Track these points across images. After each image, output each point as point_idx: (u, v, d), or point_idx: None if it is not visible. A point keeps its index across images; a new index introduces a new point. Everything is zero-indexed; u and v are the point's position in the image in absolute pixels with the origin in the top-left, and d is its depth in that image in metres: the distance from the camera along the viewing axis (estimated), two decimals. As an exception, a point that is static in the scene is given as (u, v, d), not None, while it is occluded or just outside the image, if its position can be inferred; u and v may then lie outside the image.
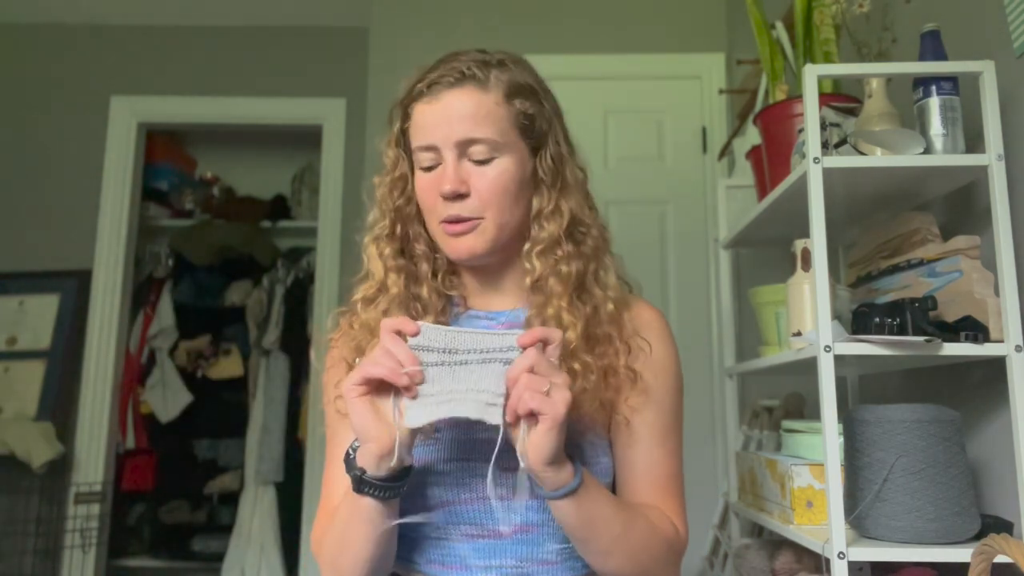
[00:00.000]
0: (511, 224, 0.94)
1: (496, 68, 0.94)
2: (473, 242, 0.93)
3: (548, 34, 2.86)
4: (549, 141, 0.96)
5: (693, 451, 2.57)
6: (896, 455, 1.11)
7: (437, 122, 0.92)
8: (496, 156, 0.92)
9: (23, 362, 3.00)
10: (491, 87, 0.92)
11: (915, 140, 1.21)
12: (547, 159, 0.95)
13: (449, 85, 0.92)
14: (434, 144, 0.92)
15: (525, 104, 0.94)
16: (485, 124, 0.91)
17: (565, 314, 0.92)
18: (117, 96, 3.21)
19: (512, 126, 0.93)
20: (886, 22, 1.55)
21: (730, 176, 2.42)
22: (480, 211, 0.92)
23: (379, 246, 0.98)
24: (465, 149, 0.91)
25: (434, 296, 0.98)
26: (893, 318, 1.16)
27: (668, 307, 2.73)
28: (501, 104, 0.92)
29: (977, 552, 0.77)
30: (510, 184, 0.92)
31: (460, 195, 0.91)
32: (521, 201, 0.94)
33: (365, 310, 0.97)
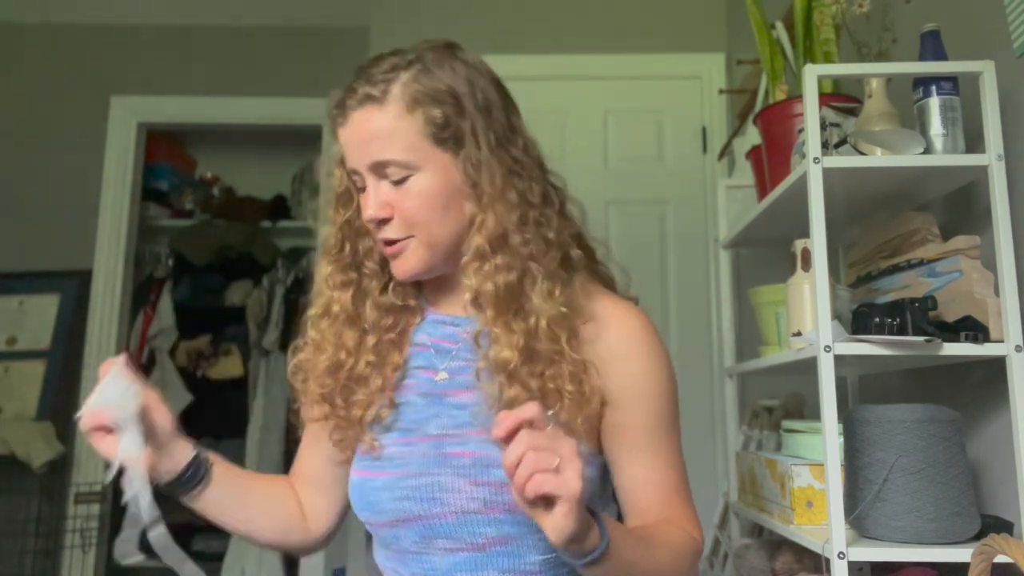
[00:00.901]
0: (445, 238, 0.90)
1: (404, 71, 0.88)
2: (407, 262, 0.91)
3: (548, 34, 2.86)
4: (473, 143, 0.89)
5: (693, 451, 2.57)
6: (896, 455, 1.11)
7: (351, 146, 0.90)
8: (412, 173, 0.88)
9: (23, 362, 3.00)
10: (389, 102, 0.87)
11: (915, 140, 1.21)
12: (468, 166, 0.89)
13: (353, 108, 0.89)
14: (354, 168, 0.91)
15: (433, 111, 0.87)
16: (390, 143, 0.87)
17: (499, 332, 0.87)
18: (117, 96, 3.21)
19: (422, 137, 0.87)
20: (886, 22, 1.55)
21: (730, 176, 2.41)
22: (407, 231, 0.89)
23: (326, 263, 0.97)
24: (380, 171, 0.88)
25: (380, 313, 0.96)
26: (893, 318, 1.16)
27: (668, 307, 2.73)
28: (403, 117, 0.87)
29: (977, 552, 0.77)
30: (433, 200, 0.88)
31: (381, 220, 0.89)
32: (453, 212, 0.89)
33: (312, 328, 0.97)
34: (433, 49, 0.91)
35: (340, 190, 0.97)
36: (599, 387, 0.89)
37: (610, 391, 0.90)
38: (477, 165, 0.88)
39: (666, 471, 0.92)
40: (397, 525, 0.90)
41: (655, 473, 0.91)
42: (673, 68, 2.86)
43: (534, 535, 0.86)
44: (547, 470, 0.67)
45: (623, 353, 0.90)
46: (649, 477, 0.91)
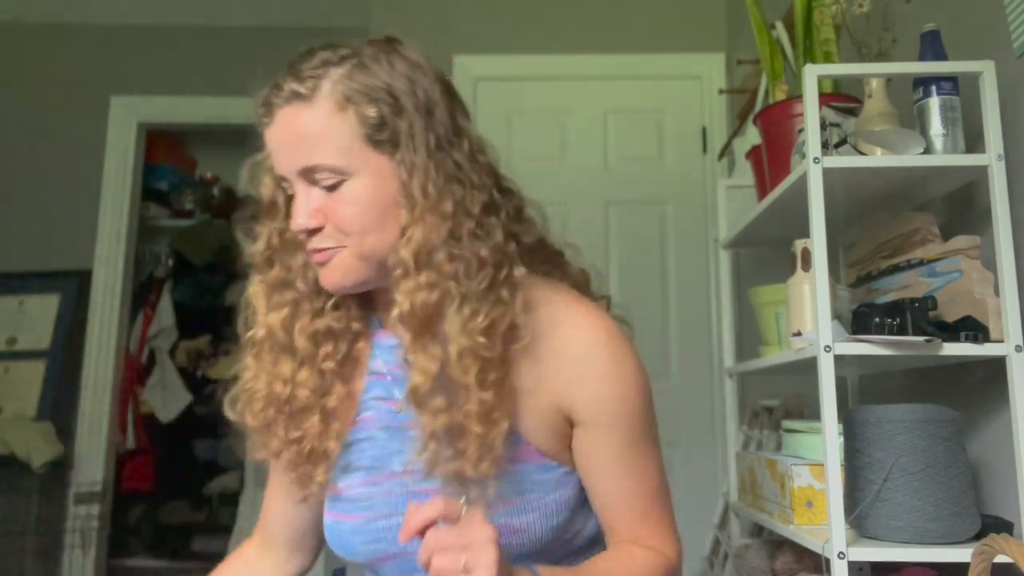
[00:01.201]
0: (380, 249, 0.81)
1: (336, 67, 0.81)
2: (335, 274, 0.83)
3: (548, 34, 2.86)
4: (411, 145, 0.81)
5: (693, 451, 2.59)
6: (896, 455, 1.11)
7: (277, 149, 0.82)
8: (345, 178, 0.80)
9: (23, 362, 3.00)
10: (319, 99, 0.80)
11: (915, 140, 1.21)
12: (402, 170, 0.81)
13: (279, 105, 0.81)
14: (282, 174, 0.83)
15: (367, 110, 0.80)
16: (320, 145, 0.79)
17: (415, 356, 0.80)
18: (117, 96, 3.21)
19: (356, 139, 0.80)
20: (886, 22, 1.55)
21: (730, 176, 2.41)
22: (339, 240, 0.81)
23: (256, 286, 0.89)
24: (310, 176, 0.81)
25: (312, 341, 0.87)
26: (893, 318, 1.16)
27: (668, 307, 2.73)
28: (334, 116, 0.79)
29: (977, 552, 0.77)
30: (368, 207, 0.80)
31: (310, 230, 0.81)
32: (390, 221, 0.81)
33: (249, 353, 0.90)
34: (371, 44, 0.83)
35: (267, 200, 0.88)
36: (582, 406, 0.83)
37: (577, 412, 0.84)
38: (412, 170, 0.80)
39: (641, 488, 0.86)
40: (376, 564, 0.88)
41: (629, 492, 0.86)
42: (673, 68, 2.86)
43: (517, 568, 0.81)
44: (454, 572, 0.65)
45: (587, 372, 0.83)
46: (623, 496, 0.86)
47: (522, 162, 2.81)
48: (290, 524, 1.00)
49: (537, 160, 2.81)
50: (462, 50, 2.85)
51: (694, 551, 2.35)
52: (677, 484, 2.52)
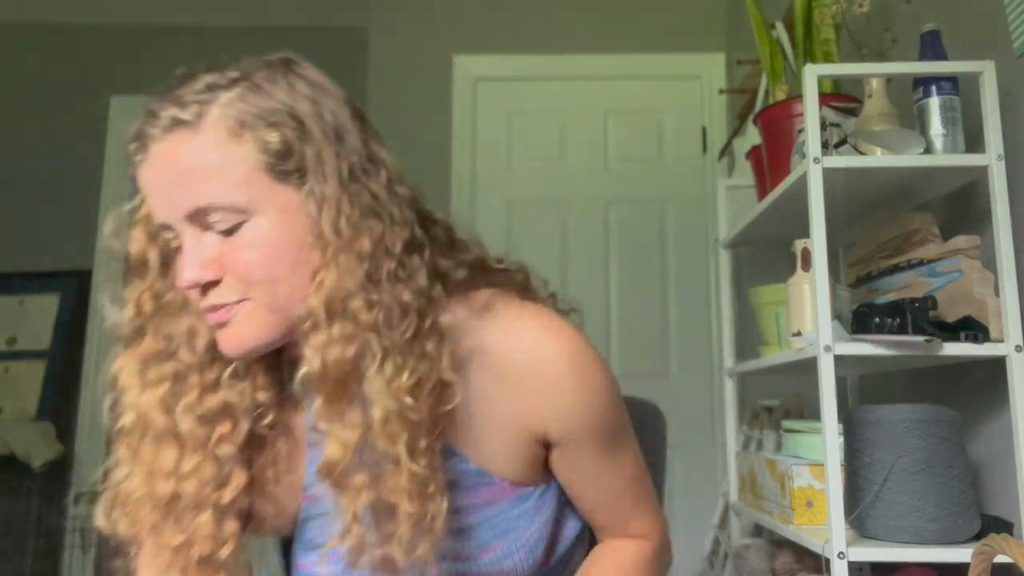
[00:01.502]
0: (293, 298, 0.69)
1: (225, 90, 0.68)
2: (239, 334, 0.69)
3: (548, 34, 2.86)
4: (319, 176, 0.69)
5: (693, 451, 2.60)
6: (896, 455, 1.11)
7: (157, 190, 0.69)
8: (245, 219, 0.68)
9: (23, 362, 3.00)
10: (206, 126, 0.67)
11: (915, 140, 1.21)
12: (311, 204, 0.69)
13: (156, 138, 0.68)
14: (164, 221, 0.70)
15: (268, 136, 0.68)
16: (211, 181, 0.66)
17: (329, 424, 0.68)
18: (117, 96, 3.21)
19: (256, 170, 0.67)
20: (886, 22, 1.55)
21: (730, 176, 2.42)
22: (241, 292, 0.69)
23: (126, 361, 0.75)
24: (201, 220, 0.68)
25: (201, 422, 0.73)
26: (893, 318, 1.16)
27: (668, 307, 2.73)
28: (226, 145, 0.67)
29: (977, 552, 0.77)
30: (275, 250, 0.68)
31: (205, 284, 0.69)
32: (302, 265, 0.69)
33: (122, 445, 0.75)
34: (264, 65, 0.71)
35: (135, 257, 0.75)
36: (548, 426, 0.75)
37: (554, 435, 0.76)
38: (322, 203, 0.68)
39: (623, 485, 0.83)
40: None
41: (614, 492, 0.82)
42: (673, 68, 2.86)
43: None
44: None
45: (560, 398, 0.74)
46: (609, 497, 0.82)
47: (522, 162, 2.81)
48: None
49: (537, 160, 2.81)
50: (462, 50, 2.85)
51: (694, 551, 2.35)
52: (677, 484, 2.54)
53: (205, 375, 0.74)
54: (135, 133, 0.70)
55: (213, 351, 0.74)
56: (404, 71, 2.87)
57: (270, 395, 0.77)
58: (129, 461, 0.74)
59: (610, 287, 2.75)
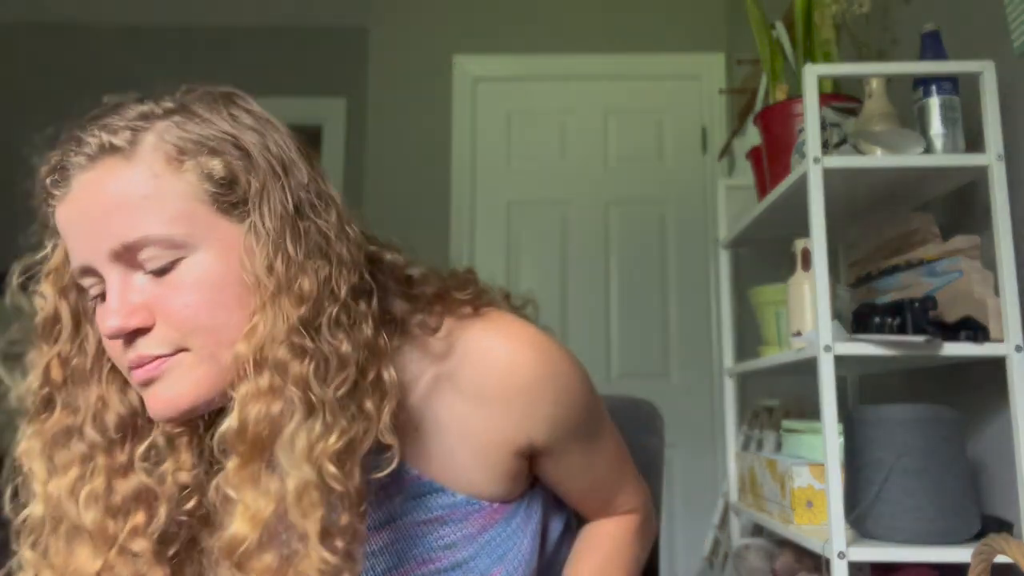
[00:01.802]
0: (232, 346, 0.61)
1: (160, 119, 0.62)
2: (173, 391, 0.61)
3: (548, 34, 2.86)
4: (256, 212, 0.62)
5: (693, 451, 2.60)
6: (896, 455, 1.11)
7: (79, 229, 0.61)
8: (182, 255, 0.61)
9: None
10: (141, 154, 0.61)
11: (915, 140, 1.21)
12: (251, 240, 0.62)
13: (81, 167, 0.62)
14: (86, 264, 0.62)
15: (211, 163, 0.61)
16: (146, 213, 0.60)
17: (239, 492, 0.59)
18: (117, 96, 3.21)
19: (198, 201, 0.61)
20: (886, 22, 1.55)
21: (730, 176, 2.42)
22: (176, 343, 0.60)
23: (29, 441, 0.65)
24: (130, 259, 0.61)
25: (104, 517, 0.64)
26: (893, 318, 1.16)
27: (668, 307, 2.73)
28: (165, 174, 0.60)
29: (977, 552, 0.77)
30: (217, 292, 0.60)
31: (137, 331, 0.60)
32: (246, 307, 0.61)
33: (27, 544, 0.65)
34: (204, 96, 0.66)
35: (45, 316, 0.67)
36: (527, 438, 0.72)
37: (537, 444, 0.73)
38: (264, 240, 0.61)
39: (608, 472, 0.83)
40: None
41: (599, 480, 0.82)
42: (673, 68, 2.86)
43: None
44: None
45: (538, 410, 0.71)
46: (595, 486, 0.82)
47: (522, 162, 2.81)
48: None
49: (537, 160, 2.81)
50: (462, 50, 2.85)
51: (694, 551, 2.35)
52: (677, 484, 2.54)
53: (115, 456, 0.65)
54: (53, 164, 0.63)
55: (125, 427, 0.65)
56: (404, 71, 2.87)
57: (196, 474, 0.67)
58: (35, 563, 0.65)
59: (610, 287, 2.75)
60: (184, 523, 0.67)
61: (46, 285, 0.68)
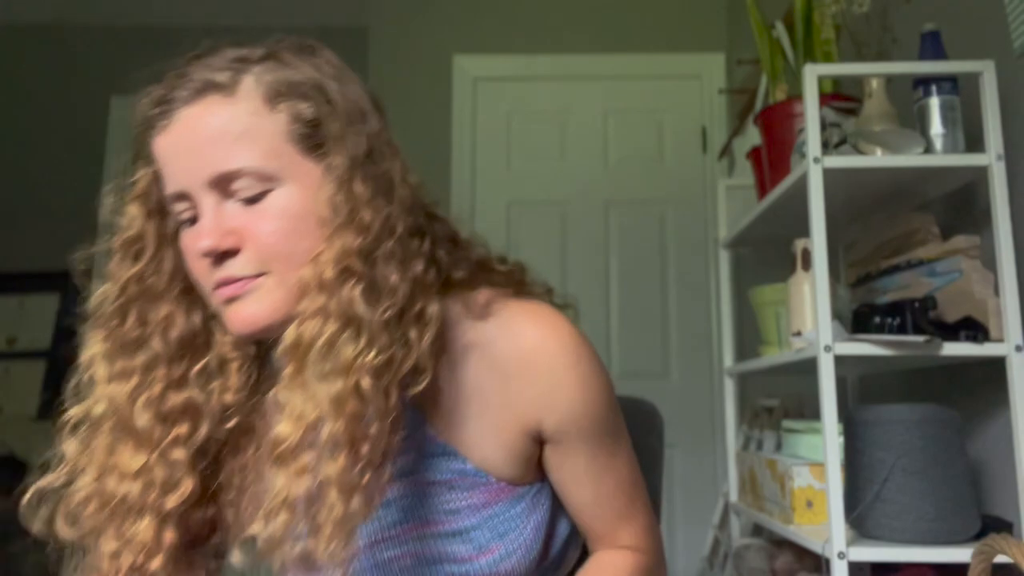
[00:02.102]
0: None
1: (257, 65, 0.69)
2: (254, 308, 0.67)
3: (548, 34, 2.86)
4: (340, 151, 0.69)
5: (693, 451, 2.60)
6: (896, 455, 1.11)
7: (179, 157, 0.67)
8: (271, 187, 0.67)
9: (23, 362, 3.00)
10: (242, 93, 0.67)
11: (915, 140, 1.21)
12: (331, 179, 0.68)
13: (186, 101, 0.67)
14: (182, 189, 0.68)
15: (301, 107, 0.68)
16: (243, 147, 0.66)
17: (287, 394, 0.65)
18: (117, 96, 3.21)
19: (286, 141, 0.68)
20: (886, 22, 1.55)
21: (730, 176, 2.42)
22: (259, 266, 0.67)
23: (98, 339, 0.73)
24: (225, 187, 0.67)
25: (159, 420, 0.70)
26: (893, 318, 1.17)
27: (668, 307, 2.73)
28: (262, 113, 0.67)
29: (977, 552, 0.77)
30: (299, 223, 0.67)
31: (224, 253, 0.67)
32: (318, 236, 0.68)
33: (69, 437, 0.71)
34: (290, 45, 0.72)
35: (131, 235, 0.72)
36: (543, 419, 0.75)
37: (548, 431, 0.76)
38: (338, 178, 0.68)
39: (616, 487, 0.81)
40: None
41: (606, 494, 0.80)
42: (673, 68, 2.86)
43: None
44: None
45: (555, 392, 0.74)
46: (600, 499, 0.80)
47: (522, 162, 2.81)
48: None
49: (537, 160, 2.81)
50: (462, 50, 2.85)
51: (694, 551, 2.36)
52: (677, 484, 2.54)
53: (173, 369, 0.71)
54: (158, 98, 0.68)
55: (185, 345, 0.72)
56: (404, 71, 2.87)
57: (239, 399, 0.74)
58: (78, 455, 0.70)
59: (610, 287, 2.75)
60: (219, 441, 0.74)
61: (133, 207, 0.73)
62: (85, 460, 0.70)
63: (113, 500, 0.69)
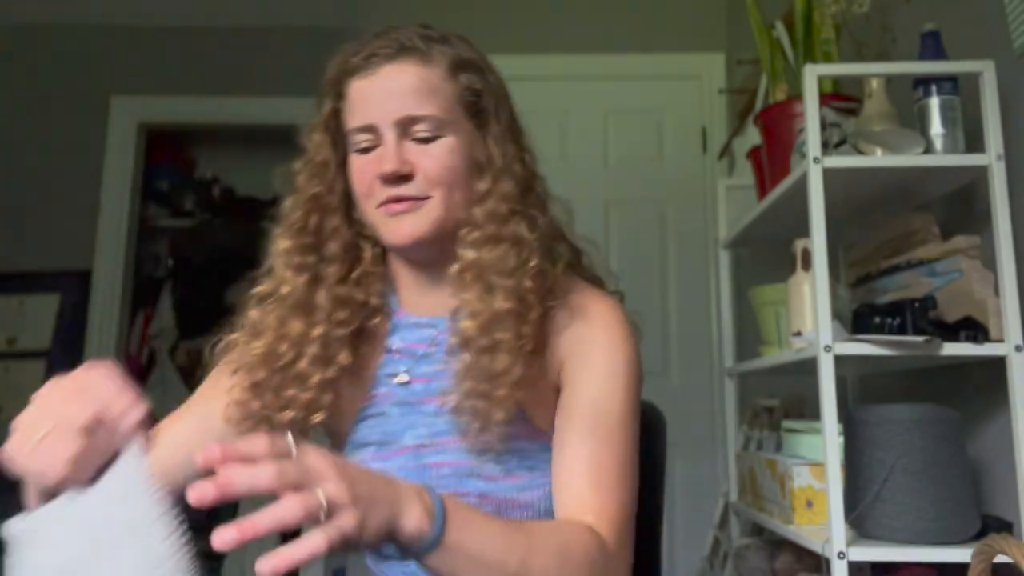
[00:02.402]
0: (457, 206, 0.87)
1: (439, 43, 0.88)
2: (416, 223, 0.85)
3: (548, 34, 2.86)
4: (493, 120, 0.90)
5: (693, 451, 2.59)
6: (896, 455, 1.11)
7: (375, 98, 0.85)
8: (441, 135, 0.86)
9: (23, 362, 3.00)
10: (435, 60, 0.87)
11: (915, 140, 1.21)
12: (491, 139, 0.89)
13: (388, 58, 0.86)
14: (372, 123, 0.85)
15: (471, 79, 0.89)
16: (429, 100, 0.85)
17: (467, 296, 0.84)
18: (117, 96, 3.21)
19: (457, 103, 0.87)
20: (886, 22, 1.55)
21: (730, 176, 2.42)
22: (425, 191, 0.85)
23: (284, 239, 0.90)
24: (407, 128, 0.85)
25: (334, 303, 0.88)
26: (893, 318, 1.17)
27: (668, 307, 2.73)
28: (446, 79, 0.87)
29: (977, 552, 0.77)
30: (457, 163, 0.86)
31: (403, 176, 0.84)
32: (467, 184, 0.87)
33: (255, 307, 0.90)
34: (452, 31, 0.93)
35: (317, 159, 0.90)
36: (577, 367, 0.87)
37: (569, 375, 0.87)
38: (502, 138, 0.89)
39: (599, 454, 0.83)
40: None
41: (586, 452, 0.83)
42: (673, 68, 2.86)
43: None
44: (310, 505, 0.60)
45: (589, 341, 0.88)
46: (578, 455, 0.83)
47: (522, 162, 2.81)
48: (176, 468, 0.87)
49: (537, 160, 2.81)
50: (462, 50, 2.85)
51: (694, 551, 2.35)
52: (677, 484, 2.54)
53: (338, 268, 0.89)
54: (365, 53, 0.86)
55: (346, 252, 0.90)
56: (404, 71, 2.86)
57: (379, 303, 0.92)
58: (258, 321, 0.88)
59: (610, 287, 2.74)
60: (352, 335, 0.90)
61: (318, 135, 0.91)
62: (264, 326, 0.88)
63: (281, 363, 0.86)
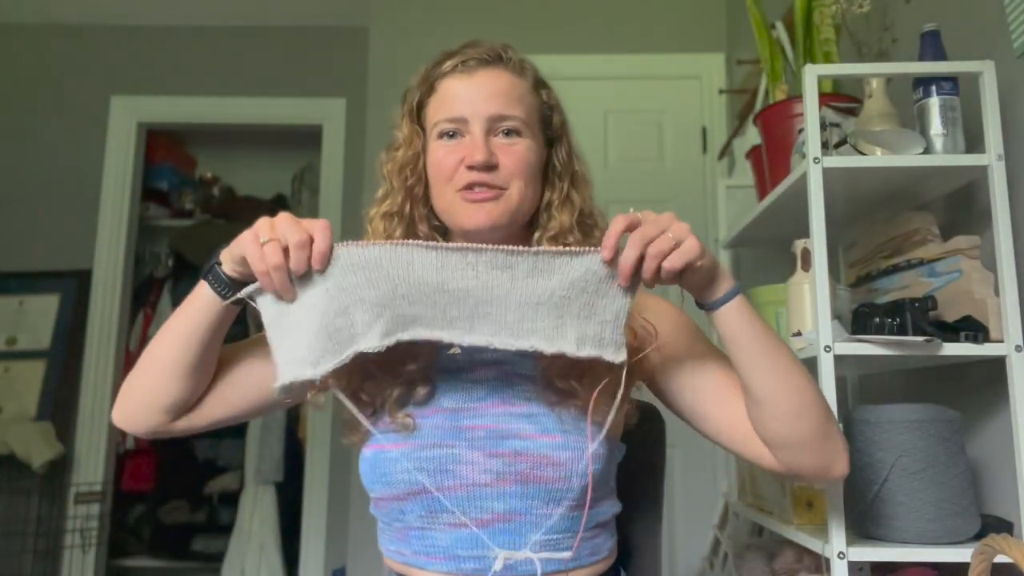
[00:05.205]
0: (529, 201, 0.97)
1: (521, 60, 1.01)
2: (494, 210, 0.94)
3: (548, 34, 2.86)
4: (563, 135, 1.02)
5: (693, 451, 2.59)
6: (896, 455, 1.11)
7: (469, 96, 0.96)
8: (523, 136, 0.96)
9: (23, 362, 3.00)
10: (525, 74, 1.00)
11: (915, 140, 1.21)
12: (562, 151, 1.01)
13: (485, 63, 0.97)
14: (463, 116, 0.95)
15: (549, 96, 1.02)
16: (517, 105, 0.96)
17: None
18: (117, 96, 3.21)
19: (536, 114, 0.99)
20: (886, 22, 1.55)
21: (730, 176, 2.42)
22: (506, 182, 0.94)
23: (389, 223, 0.98)
24: (495, 125, 0.95)
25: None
26: (893, 318, 1.16)
27: (668, 307, 2.73)
28: (531, 91, 0.99)
29: (977, 552, 0.77)
30: (533, 163, 0.97)
31: (490, 166, 0.93)
32: (536, 185, 0.98)
33: None
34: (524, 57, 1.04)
35: (411, 152, 0.99)
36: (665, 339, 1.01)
37: (661, 347, 1.00)
38: (571, 152, 1.02)
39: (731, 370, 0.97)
40: (406, 499, 0.90)
41: (725, 373, 0.99)
42: (673, 68, 2.86)
43: (538, 511, 0.88)
44: (666, 250, 0.85)
45: (656, 311, 1.04)
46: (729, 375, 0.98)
47: (522, 162, 2.81)
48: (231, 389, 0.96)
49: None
50: (462, 50, 2.85)
51: (694, 551, 2.35)
52: (677, 484, 2.54)
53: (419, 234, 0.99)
54: (463, 57, 0.97)
55: (433, 233, 0.99)
56: (404, 71, 2.85)
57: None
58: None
59: (610, 287, 2.74)
60: None
61: (406, 126, 1.02)
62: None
63: None
